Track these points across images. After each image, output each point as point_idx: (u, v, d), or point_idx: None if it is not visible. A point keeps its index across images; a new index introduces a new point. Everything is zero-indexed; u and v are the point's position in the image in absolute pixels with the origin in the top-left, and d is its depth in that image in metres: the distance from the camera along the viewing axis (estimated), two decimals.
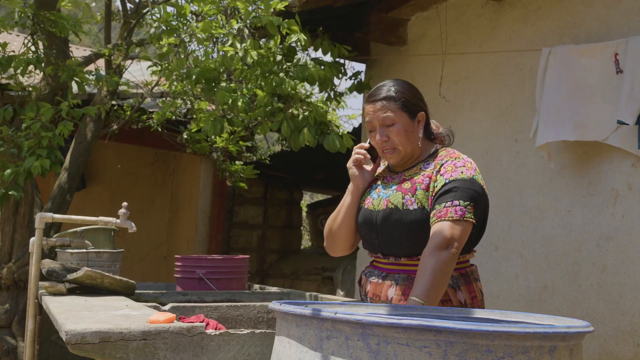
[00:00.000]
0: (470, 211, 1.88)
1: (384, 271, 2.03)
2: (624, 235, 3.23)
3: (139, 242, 7.79)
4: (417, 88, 2.14)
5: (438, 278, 1.80)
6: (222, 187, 7.51)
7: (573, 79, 3.38)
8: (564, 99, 3.39)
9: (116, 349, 1.70)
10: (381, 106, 2.02)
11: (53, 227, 4.47)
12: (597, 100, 3.28)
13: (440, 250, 1.82)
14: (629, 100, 3.09)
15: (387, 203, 2.01)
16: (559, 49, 3.47)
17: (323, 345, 1.20)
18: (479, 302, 1.99)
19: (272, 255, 8.45)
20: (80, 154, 4.80)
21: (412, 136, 2.04)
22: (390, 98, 2.02)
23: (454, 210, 1.87)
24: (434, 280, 1.79)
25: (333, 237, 2.18)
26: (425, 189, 1.97)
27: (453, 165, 1.96)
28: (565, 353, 1.21)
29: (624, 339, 3.18)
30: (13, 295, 4.51)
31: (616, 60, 3.23)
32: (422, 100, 2.10)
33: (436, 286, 1.80)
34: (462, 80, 4.30)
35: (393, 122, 2.01)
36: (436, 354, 1.12)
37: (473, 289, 1.99)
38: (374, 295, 2.02)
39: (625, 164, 3.26)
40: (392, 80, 2.09)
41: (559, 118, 3.39)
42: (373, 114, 2.04)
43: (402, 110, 2.02)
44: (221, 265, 3.49)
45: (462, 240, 1.87)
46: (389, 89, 2.04)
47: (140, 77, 5.69)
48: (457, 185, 1.90)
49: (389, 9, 4.72)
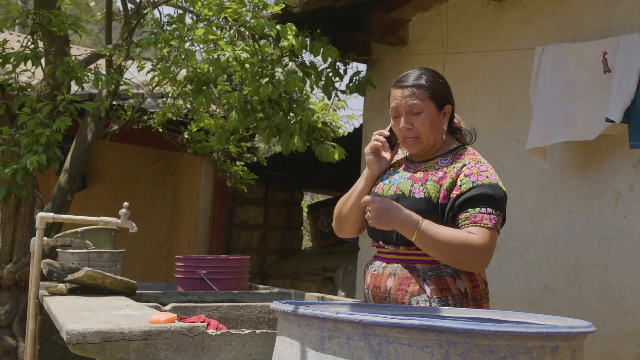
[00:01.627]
0: (500, 222, 1.89)
1: (384, 261, 2.02)
2: (626, 236, 3.23)
3: (139, 243, 7.79)
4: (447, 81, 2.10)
5: (447, 247, 1.82)
6: (223, 188, 7.51)
7: (564, 78, 3.39)
8: (556, 99, 3.39)
9: (117, 349, 1.70)
10: (410, 93, 1.98)
11: (54, 227, 4.47)
12: (587, 100, 3.28)
13: (474, 249, 1.82)
14: (616, 98, 3.09)
15: (395, 189, 2.00)
16: (552, 47, 3.47)
17: (324, 345, 1.20)
18: (481, 292, 1.97)
19: (272, 255, 8.45)
20: (81, 154, 4.80)
21: (436, 127, 2.00)
22: (420, 86, 1.98)
23: (488, 218, 1.86)
24: (444, 242, 1.81)
25: (342, 219, 2.17)
26: (438, 181, 1.94)
27: (477, 169, 1.93)
28: (568, 353, 1.21)
29: (625, 340, 3.17)
30: (14, 295, 4.50)
31: (604, 60, 3.22)
32: (450, 93, 2.06)
33: (438, 246, 1.82)
34: (463, 80, 4.30)
35: (420, 110, 1.97)
36: (438, 354, 1.11)
37: (475, 278, 1.96)
38: (374, 287, 2.01)
39: (626, 165, 3.26)
40: (423, 69, 2.05)
41: (551, 119, 3.39)
42: (401, 100, 1.99)
43: (430, 99, 1.98)
44: (222, 266, 3.49)
45: (492, 251, 1.87)
46: (420, 76, 2.00)
47: (141, 78, 5.68)
48: (487, 191, 1.89)
49: (390, 9, 4.72)
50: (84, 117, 4.79)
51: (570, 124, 3.32)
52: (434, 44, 4.54)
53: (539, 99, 3.46)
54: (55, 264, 2.79)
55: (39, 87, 4.50)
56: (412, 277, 1.92)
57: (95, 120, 4.83)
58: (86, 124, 4.86)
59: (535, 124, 3.45)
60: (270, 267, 8.29)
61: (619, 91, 3.08)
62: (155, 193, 8.37)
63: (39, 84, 4.56)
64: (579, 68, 3.34)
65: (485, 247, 1.83)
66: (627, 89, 3.06)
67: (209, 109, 5.44)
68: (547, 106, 3.41)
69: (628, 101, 3.06)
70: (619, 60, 3.14)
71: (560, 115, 3.35)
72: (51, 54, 4.20)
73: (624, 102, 3.06)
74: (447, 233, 1.83)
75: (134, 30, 5.13)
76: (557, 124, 3.36)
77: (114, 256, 3.18)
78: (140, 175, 8.28)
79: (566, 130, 3.33)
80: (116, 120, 5.17)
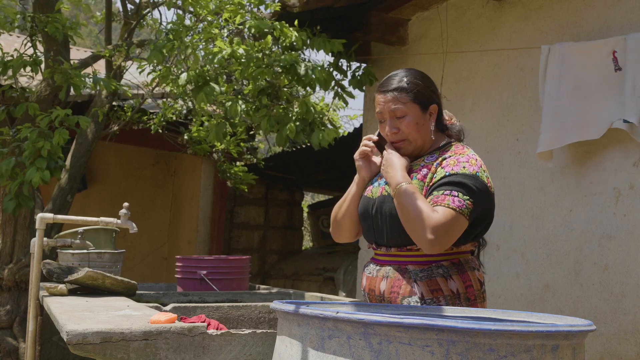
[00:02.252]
0: (469, 207, 1.82)
1: (378, 263, 2.02)
2: (626, 235, 3.23)
3: (140, 243, 7.79)
4: (431, 78, 2.07)
5: (407, 212, 1.82)
6: (223, 188, 7.51)
7: (573, 77, 3.37)
8: (565, 99, 3.37)
9: (117, 349, 1.70)
10: (392, 97, 1.97)
11: (54, 228, 4.47)
12: (597, 99, 3.26)
13: (430, 226, 1.77)
14: (632, 98, 3.07)
15: (382, 190, 2.00)
16: (558, 46, 3.46)
17: (325, 345, 1.20)
18: (475, 292, 1.92)
19: (273, 255, 8.45)
20: (81, 155, 4.80)
21: (423, 129, 1.99)
22: (402, 89, 1.96)
23: (451, 199, 1.82)
24: (407, 207, 1.82)
25: (338, 224, 2.17)
26: (422, 179, 1.93)
27: (456, 160, 1.91)
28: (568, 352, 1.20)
29: (626, 339, 3.17)
30: (14, 296, 4.50)
31: (614, 58, 3.20)
32: (435, 92, 2.04)
33: (404, 208, 1.83)
34: (463, 80, 4.30)
35: (404, 114, 1.96)
36: (438, 353, 1.11)
37: (468, 278, 1.92)
38: (369, 290, 2.01)
39: (627, 163, 3.26)
40: (405, 70, 2.03)
41: (562, 121, 3.36)
42: (384, 105, 1.99)
43: (413, 102, 1.96)
44: (222, 266, 3.49)
45: (452, 234, 1.81)
46: (401, 79, 1.98)
47: (141, 78, 5.69)
48: (459, 179, 1.85)
49: (390, 9, 4.72)
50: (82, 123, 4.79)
51: (581, 124, 3.28)
52: (433, 43, 4.54)
53: (549, 100, 3.42)
54: (56, 265, 2.79)
55: (39, 89, 4.50)
56: (404, 279, 1.91)
57: (95, 121, 4.83)
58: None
59: (545, 126, 3.41)
60: (270, 268, 8.29)
61: (635, 91, 3.05)
62: (155, 193, 8.37)
63: (38, 85, 4.57)
64: (588, 67, 3.30)
65: (440, 225, 1.77)
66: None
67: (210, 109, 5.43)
68: (555, 107, 3.38)
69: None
70: (630, 60, 3.11)
71: (571, 116, 3.32)
72: (50, 58, 4.20)
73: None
74: (414, 202, 1.82)
75: (134, 31, 5.13)
76: (567, 125, 3.32)
77: (114, 257, 3.19)
78: (140, 175, 8.28)
79: (577, 130, 3.29)
80: (116, 121, 5.17)
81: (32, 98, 4.39)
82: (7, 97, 4.47)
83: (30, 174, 3.83)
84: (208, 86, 3.83)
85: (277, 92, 4.09)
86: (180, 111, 5.74)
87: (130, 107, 5.40)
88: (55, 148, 3.89)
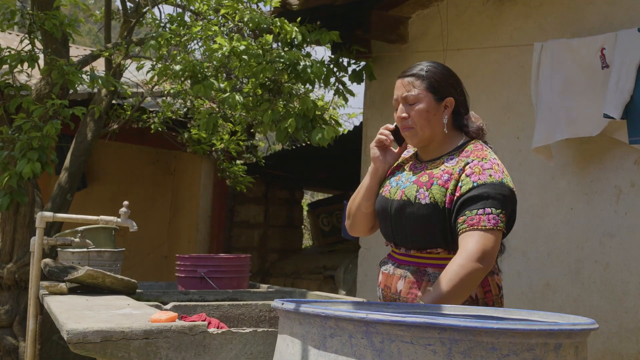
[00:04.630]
0: (503, 220, 1.81)
1: (397, 261, 2.00)
2: (627, 233, 3.22)
3: (140, 242, 7.78)
4: (457, 76, 2.06)
5: (459, 290, 1.75)
6: (223, 186, 7.50)
7: (563, 74, 3.37)
8: (556, 96, 3.38)
9: (118, 348, 1.69)
10: (408, 82, 1.97)
11: (54, 227, 4.47)
12: (586, 96, 3.26)
13: (472, 261, 1.75)
14: (614, 94, 3.07)
15: (402, 194, 1.95)
16: (550, 43, 3.46)
17: (326, 344, 1.19)
18: (494, 297, 1.92)
19: (273, 254, 8.44)
20: (81, 153, 4.79)
21: (434, 119, 1.96)
22: (418, 76, 1.96)
23: (486, 218, 1.79)
24: (453, 291, 1.74)
25: (352, 217, 2.14)
26: (443, 184, 1.88)
27: (480, 167, 1.87)
28: (571, 350, 1.20)
29: (627, 337, 3.17)
30: (14, 295, 4.50)
31: (602, 55, 3.21)
32: (454, 87, 2.02)
33: (453, 297, 1.74)
34: (463, 78, 4.23)
35: (415, 100, 1.95)
36: (440, 352, 1.11)
37: (487, 283, 1.92)
38: (385, 287, 2.00)
39: (628, 161, 3.25)
40: (430, 62, 2.03)
41: (553, 116, 3.37)
42: (398, 90, 1.99)
43: (427, 90, 1.95)
44: (222, 264, 3.49)
45: (495, 252, 1.81)
46: (421, 68, 1.98)
47: (140, 77, 5.68)
48: (488, 191, 1.82)
49: (390, 7, 4.71)
50: (84, 116, 4.78)
51: (571, 121, 3.31)
52: (434, 41, 4.54)
53: (541, 96, 3.45)
54: (56, 264, 2.78)
55: (39, 87, 4.49)
56: (423, 281, 1.90)
57: (94, 119, 4.82)
58: (86, 123, 4.85)
59: (539, 122, 3.43)
60: (270, 266, 8.29)
61: (618, 87, 3.06)
62: (155, 192, 8.36)
63: (38, 83, 4.56)
64: (576, 64, 3.32)
65: (484, 251, 1.77)
66: (625, 84, 3.05)
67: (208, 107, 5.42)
68: (548, 103, 3.40)
69: (627, 97, 3.04)
70: (617, 56, 3.12)
71: (561, 112, 3.34)
72: (48, 55, 4.19)
73: (623, 98, 3.04)
74: (452, 286, 1.75)
75: (133, 29, 5.12)
76: (559, 121, 3.35)
77: (114, 255, 3.18)
78: (140, 174, 8.28)
79: (568, 127, 3.32)
80: (116, 120, 5.16)
81: (31, 96, 4.37)
82: (6, 96, 4.46)
83: (21, 165, 3.79)
84: (207, 80, 3.83)
85: (280, 87, 4.08)
86: (179, 111, 5.73)
87: (130, 106, 5.39)
88: (46, 140, 3.86)
